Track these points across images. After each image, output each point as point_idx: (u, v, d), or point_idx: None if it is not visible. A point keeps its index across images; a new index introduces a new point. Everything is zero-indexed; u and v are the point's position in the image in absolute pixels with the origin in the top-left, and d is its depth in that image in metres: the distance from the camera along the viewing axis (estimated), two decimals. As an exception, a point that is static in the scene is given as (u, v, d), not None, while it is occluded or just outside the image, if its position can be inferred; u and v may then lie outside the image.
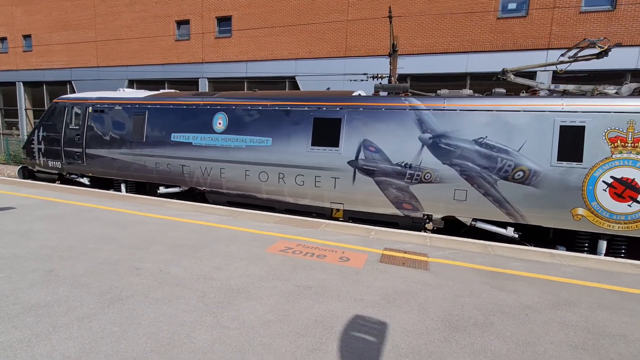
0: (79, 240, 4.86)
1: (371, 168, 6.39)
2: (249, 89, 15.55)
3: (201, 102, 7.93)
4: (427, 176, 6.05)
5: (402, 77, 12.93)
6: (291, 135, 6.99)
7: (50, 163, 9.68)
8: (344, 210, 6.87)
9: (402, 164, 6.18)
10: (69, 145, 9.30)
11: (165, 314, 3.02)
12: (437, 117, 6.07)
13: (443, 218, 6.23)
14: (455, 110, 6.02)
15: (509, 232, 5.92)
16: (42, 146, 9.68)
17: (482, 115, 5.88)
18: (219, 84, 16.52)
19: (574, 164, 5.43)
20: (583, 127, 5.41)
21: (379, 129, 6.38)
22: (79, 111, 9.23)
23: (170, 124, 8.12)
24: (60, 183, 9.86)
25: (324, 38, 14.38)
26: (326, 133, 6.73)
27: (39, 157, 9.83)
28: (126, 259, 4.22)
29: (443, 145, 5.99)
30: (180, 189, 8.33)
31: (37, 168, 10.02)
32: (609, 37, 11.01)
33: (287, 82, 15.32)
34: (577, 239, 5.77)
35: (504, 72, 6.63)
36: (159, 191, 8.58)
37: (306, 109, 6.94)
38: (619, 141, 5.28)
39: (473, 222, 6.08)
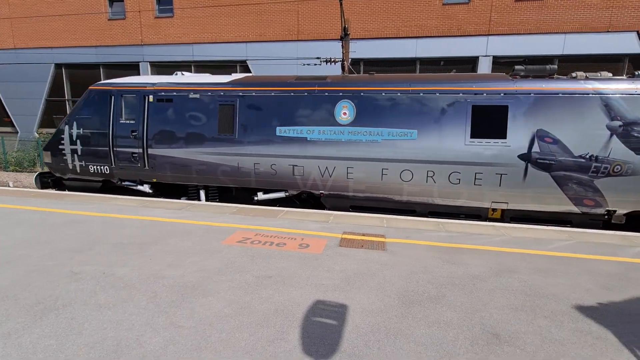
0: (3, 247, 4.27)
1: (548, 162, 5.81)
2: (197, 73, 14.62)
3: (316, 89, 6.66)
4: (617, 169, 5.60)
5: (355, 62, 12.98)
6: (443, 126, 6.14)
7: (92, 167, 7.74)
8: (506, 209, 6.25)
9: (587, 156, 5.68)
10: (121, 144, 7.45)
11: (111, 320, 2.77)
12: (627, 102, 5.57)
13: (627, 214, 5.84)
14: None
15: None
16: (78, 146, 7.70)
17: None
18: (163, 68, 15.34)
19: None
20: None
21: (556, 117, 5.76)
22: (133, 101, 7.38)
23: (273, 115, 6.75)
24: (102, 192, 7.92)
25: (275, 20, 13.87)
26: (489, 123, 6.01)
27: (72, 161, 7.81)
28: (62, 264, 3.80)
29: (637, 134, 5.53)
30: (287, 194, 7.03)
31: (68, 175, 8.02)
32: (540, 25, 11.98)
33: (238, 66, 14.65)
34: None
35: None
36: (256, 198, 7.15)
37: (461, 95, 6.14)
38: None
39: None
